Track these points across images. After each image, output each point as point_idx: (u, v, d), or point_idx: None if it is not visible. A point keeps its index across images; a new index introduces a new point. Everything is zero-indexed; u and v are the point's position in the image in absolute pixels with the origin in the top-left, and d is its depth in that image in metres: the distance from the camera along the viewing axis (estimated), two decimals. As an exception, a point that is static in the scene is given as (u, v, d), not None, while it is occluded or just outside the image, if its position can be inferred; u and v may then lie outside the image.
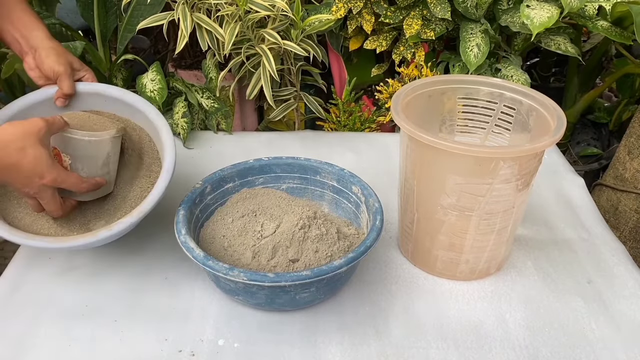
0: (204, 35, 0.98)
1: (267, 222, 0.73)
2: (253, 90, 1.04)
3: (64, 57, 0.75)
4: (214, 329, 0.66)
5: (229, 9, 0.93)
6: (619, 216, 1.06)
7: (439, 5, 1.02)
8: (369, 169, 0.93)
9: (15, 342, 0.64)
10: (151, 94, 1.02)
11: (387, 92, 1.12)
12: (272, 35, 0.95)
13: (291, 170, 0.80)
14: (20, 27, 0.74)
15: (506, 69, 1.06)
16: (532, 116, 0.72)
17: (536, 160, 0.65)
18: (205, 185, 0.74)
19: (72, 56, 0.77)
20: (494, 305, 0.70)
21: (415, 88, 0.73)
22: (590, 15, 1.04)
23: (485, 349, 0.64)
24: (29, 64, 0.75)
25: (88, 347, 0.63)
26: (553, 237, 0.82)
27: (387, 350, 0.64)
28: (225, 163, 0.80)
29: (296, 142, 1.06)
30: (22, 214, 0.69)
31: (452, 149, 0.61)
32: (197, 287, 0.72)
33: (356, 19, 1.07)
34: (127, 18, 1.13)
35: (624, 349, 0.65)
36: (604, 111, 1.42)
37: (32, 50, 0.74)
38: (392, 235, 0.82)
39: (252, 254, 0.68)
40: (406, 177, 0.71)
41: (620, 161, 1.06)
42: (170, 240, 0.79)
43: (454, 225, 0.68)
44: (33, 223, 0.69)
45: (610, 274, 0.76)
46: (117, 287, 0.71)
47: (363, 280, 0.73)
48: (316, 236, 0.69)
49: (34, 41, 0.74)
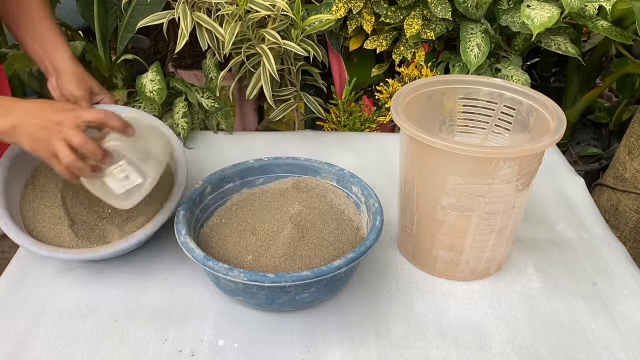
0: (204, 34, 0.98)
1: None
2: (253, 90, 1.04)
3: (84, 82, 0.78)
4: (214, 329, 0.66)
5: (229, 8, 0.93)
6: (619, 216, 1.06)
7: (439, 5, 1.02)
8: (369, 169, 0.93)
9: (15, 342, 0.64)
10: (150, 94, 1.02)
11: (387, 92, 1.12)
12: (272, 35, 0.95)
13: (291, 170, 0.80)
14: (46, 46, 0.78)
15: (506, 69, 1.06)
16: (532, 116, 0.72)
17: (536, 160, 0.65)
18: (205, 186, 0.74)
19: (93, 80, 0.80)
20: (494, 305, 0.70)
21: (415, 88, 0.73)
22: (590, 15, 1.04)
23: (485, 349, 0.64)
24: (52, 85, 0.78)
25: (88, 347, 0.63)
26: (553, 237, 0.82)
27: (387, 350, 0.64)
28: (225, 163, 0.80)
29: (296, 142, 1.06)
30: (46, 228, 0.72)
31: (452, 149, 0.61)
32: (197, 287, 0.72)
33: (356, 19, 1.07)
34: (127, 18, 1.13)
35: (624, 349, 0.65)
36: (604, 111, 1.42)
37: (55, 73, 0.78)
38: (392, 235, 0.82)
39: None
40: (406, 177, 0.71)
41: (620, 161, 1.06)
42: (170, 241, 0.79)
43: (454, 225, 0.68)
44: (56, 236, 0.72)
45: (610, 274, 0.76)
46: (117, 287, 0.71)
47: (363, 280, 0.73)
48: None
49: (58, 64, 0.77)
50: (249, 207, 0.76)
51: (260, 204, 0.77)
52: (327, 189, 0.78)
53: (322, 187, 0.78)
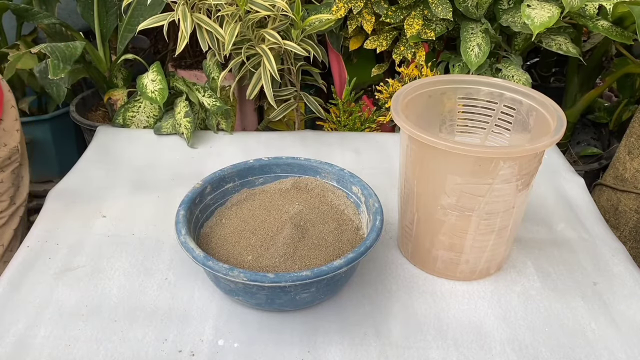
0: (204, 35, 0.98)
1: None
2: (253, 90, 1.04)
3: None
4: (214, 329, 0.66)
5: (229, 9, 0.93)
6: (619, 216, 1.06)
7: (440, 5, 1.01)
8: (369, 169, 0.93)
9: (15, 342, 0.64)
10: (152, 95, 1.03)
11: (387, 92, 1.12)
12: (272, 35, 0.95)
13: (291, 170, 0.80)
14: None
15: (507, 69, 1.06)
16: (532, 116, 0.72)
17: (536, 160, 0.65)
18: (205, 186, 0.74)
19: None
20: (494, 305, 0.70)
21: (415, 88, 0.73)
22: (590, 15, 1.04)
23: (485, 349, 0.64)
24: None
25: (88, 347, 0.63)
26: (553, 237, 0.82)
27: (387, 350, 0.64)
28: (225, 163, 0.80)
29: (296, 142, 1.06)
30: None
31: (452, 149, 0.61)
32: (197, 287, 0.72)
33: (356, 19, 1.07)
34: (128, 18, 1.14)
35: (624, 349, 0.65)
36: (604, 111, 1.42)
37: None
38: (392, 235, 0.82)
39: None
40: (406, 177, 0.71)
41: (620, 161, 1.06)
42: (170, 240, 0.79)
43: (454, 225, 0.68)
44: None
45: (610, 274, 0.76)
46: (117, 287, 0.71)
47: (363, 280, 0.73)
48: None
49: None
50: (249, 207, 0.76)
51: (260, 204, 0.77)
52: (327, 189, 0.78)
53: (322, 187, 0.78)
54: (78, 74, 1.20)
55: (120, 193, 0.90)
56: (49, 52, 0.97)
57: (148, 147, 1.04)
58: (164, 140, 1.06)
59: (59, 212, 0.84)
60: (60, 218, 0.83)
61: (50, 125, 1.40)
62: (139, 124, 1.10)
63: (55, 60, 0.97)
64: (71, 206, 0.86)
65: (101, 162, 0.98)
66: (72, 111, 1.34)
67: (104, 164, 0.98)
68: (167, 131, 1.06)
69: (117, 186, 0.91)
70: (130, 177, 0.94)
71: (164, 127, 1.07)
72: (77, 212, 0.85)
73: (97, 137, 1.07)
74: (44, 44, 1.00)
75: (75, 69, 1.17)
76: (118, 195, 0.89)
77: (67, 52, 1.00)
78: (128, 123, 1.10)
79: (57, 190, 0.90)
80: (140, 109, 1.10)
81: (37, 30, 1.36)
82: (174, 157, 1.01)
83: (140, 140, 1.05)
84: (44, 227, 0.81)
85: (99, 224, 0.82)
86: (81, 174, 0.95)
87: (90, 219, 0.83)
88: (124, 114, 1.10)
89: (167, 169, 0.97)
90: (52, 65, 0.96)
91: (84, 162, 0.98)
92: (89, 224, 0.82)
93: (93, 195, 0.89)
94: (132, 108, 1.10)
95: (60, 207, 0.86)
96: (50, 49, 0.98)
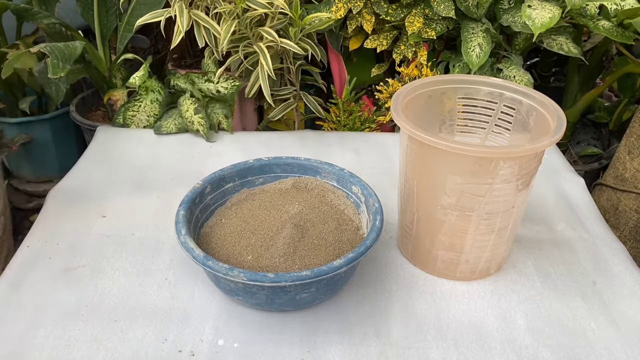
0: (201, 32, 0.98)
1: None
2: (252, 88, 1.04)
3: None
4: (214, 329, 0.66)
5: (227, 6, 0.93)
6: (619, 216, 1.06)
7: (442, 4, 1.01)
8: (369, 169, 0.93)
9: (15, 342, 0.64)
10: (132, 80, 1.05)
11: (387, 91, 1.12)
12: (269, 33, 0.95)
13: (291, 170, 0.80)
14: None
15: (508, 69, 1.06)
16: (532, 116, 0.72)
17: (536, 160, 0.65)
18: (205, 186, 0.74)
19: None
20: (494, 305, 0.70)
21: (415, 88, 0.73)
22: (592, 15, 1.03)
23: (485, 349, 0.64)
24: None
25: (88, 347, 0.63)
26: (553, 237, 0.82)
27: (387, 350, 0.64)
28: (225, 163, 0.80)
29: (296, 142, 1.06)
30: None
31: (452, 149, 0.61)
32: (197, 287, 0.72)
33: (356, 19, 1.07)
34: (127, 18, 1.14)
35: (624, 349, 0.65)
36: (604, 111, 1.42)
37: None
38: (392, 235, 0.82)
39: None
40: (406, 177, 0.71)
41: (621, 161, 1.06)
42: (170, 240, 0.79)
43: (454, 225, 0.68)
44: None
45: (610, 274, 0.76)
46: (117, 287, 0.71)
47: (363, 280, 0.73)
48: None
49: None
50: (249, 207, 0.76)
51: (260, 204, 0.77)
52: (327, 188, 0.78)
53: (322, 187, 0.78)
54: (78, 73, 1.20)
55: (120, 193, 0.90)
56: (49, 52, 0.97)
57: (148, 147, 1.04)
58: (164, 140, 1.06)
59: (59, 212, 0.84)
60: (60, 218, 0.83)
61: (50, 125, 1.40)
62: (139, 123, 1.10)
63: (54, 59, 0.97)
64: (71, 206, 0.86)
65: (101, 162, 0.98)
66: (72, 111, 1.34)
67: (104, 164, 0.98)
68: (168, 131, 1.06)
69: (117, 186, 0.91)
70: (130, 177, 0.94)
71: (164, 126, 1.07)
72: (77, 212, 0.85)
73: (97, 137, 1.07)
74: (43, 44, 1.00)
75: (75, 69, 1.17)
76: (118, 195, 0.89)
77: (66, 52, 1.00)
78: (128, 122, 1.10)
79: (57, 190, 0.90)
80: (141, 108, 1.10)
81: (39, 31, 1.36)
82: (174, 157, 1.01)
83: (141, 140, 1.05)
84: (44, 227, 0.81)
85: (99, 224, 0.82)
86: (81, 173, 0.95)
87: (91, 219, 0.83)
88: (124, 113, 1.09)
89: (167, 169, 0.97)
90: (52, 65, 0.96)
91: (84, 162, 0.98)
92: (89, 224, 0.82)
93: (93, 195, 0.89)
94: (133, 107, 1.10)
95: (60, 207, 0.86)
96: (50, 49, 0.98)
